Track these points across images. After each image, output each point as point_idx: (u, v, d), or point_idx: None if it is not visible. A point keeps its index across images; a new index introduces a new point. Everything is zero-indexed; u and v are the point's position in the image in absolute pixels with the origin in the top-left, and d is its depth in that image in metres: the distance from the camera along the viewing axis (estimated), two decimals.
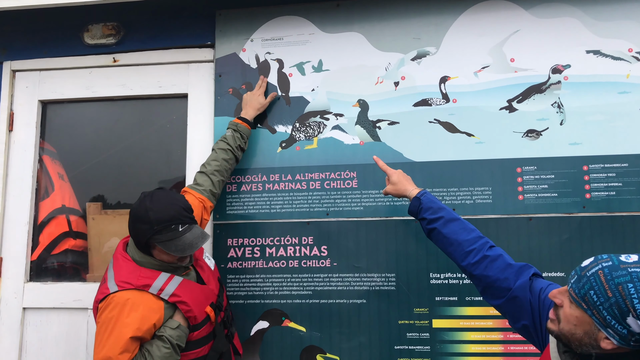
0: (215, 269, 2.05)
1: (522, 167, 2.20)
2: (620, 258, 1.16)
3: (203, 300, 1.86)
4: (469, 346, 2.14)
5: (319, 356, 2.22)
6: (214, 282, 1.98)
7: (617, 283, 1.11)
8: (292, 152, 2.36)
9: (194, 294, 1.84)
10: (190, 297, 1.81)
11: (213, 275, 2.00)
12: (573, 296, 1.20)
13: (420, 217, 1.80)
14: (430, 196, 1.82)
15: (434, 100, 2.29)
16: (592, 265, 1.18)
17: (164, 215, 1.75)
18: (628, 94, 2.18)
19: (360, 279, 2.24)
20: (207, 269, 2.00)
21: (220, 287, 2.01)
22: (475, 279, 1.63)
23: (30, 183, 2.53)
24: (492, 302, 1.59)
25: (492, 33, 2.30)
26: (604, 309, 1.13)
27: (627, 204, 2.14)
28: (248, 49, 2.45)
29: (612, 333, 1.13)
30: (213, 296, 1.91)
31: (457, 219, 1.73)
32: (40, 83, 2.60)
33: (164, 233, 1.75)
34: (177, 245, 1.76)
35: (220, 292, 1.99)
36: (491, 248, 1.63)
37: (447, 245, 1.70)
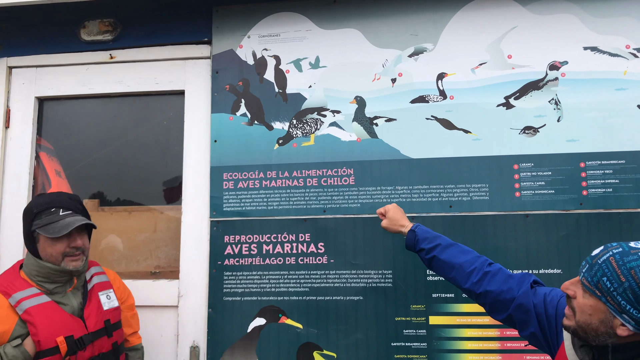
0: (111, 311, 1.90)
1: (519, 163, 2.20)
2: (629, 244, 1.17)
3: (58, 329, 1.71)
4: (465, 343, 2.14)
5: (316, 353, 2.22)
6: (95, 320, 1.82)
7: (630, 267, 1.12)
8: (289, 149, 2.36)
9: (52, 319, 1.71)
10: (42, 320, 1.69)
11: (98, 313, 1.84)
12: (586, 285, 1.20)
13: (418, 248, 1.83)
14: (424, 227, 1.86)
15: (431, 97, 2.29)
16: (603, 252, 1.19)
17: (44, 199, 1.81)
18: (625, 91, 2.18)
19: (357, 275, 2.24)
20: (94, 304, 1.86)
21: (103, 329, 1.84)
22: (480, 297, 1.64)
23: (27, 180, 2.53)
24: (501, 317, 1.60)
25: (489, 29, 2.29)
26: (618, 295, 1.13)
27: (624, 200, 2.13)
28: (245, 45, 2.45)
29: (627, 319, 1.13)
30: (78, 330, 1.76)
31: (454, 244, 1.76)
32: (37, 80, 2.59)
33: (43, 217, 1.76)
34: (55, 227, 1.74)
35: (98, 333, 1.82)
36: (490, 265, 1.66)
37: (448, 271, 1.72)
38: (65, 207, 1.81)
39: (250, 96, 2.41)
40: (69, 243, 1.80)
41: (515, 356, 2.11)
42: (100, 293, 1.90)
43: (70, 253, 1.80)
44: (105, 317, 1.87)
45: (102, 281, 1.94)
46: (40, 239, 1.79)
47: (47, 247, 1.78)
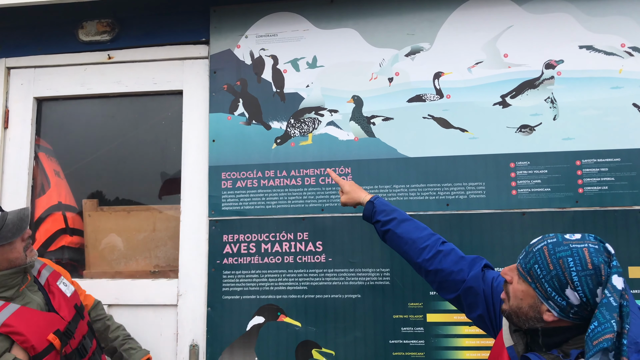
0: (73, 296, 1.91)
1: (515, 162, 2.22)
2: (565, 236, 1.23)
3: (44, 328, 1.71)
4: (462, 340, 2.16)
5: (315, 351, 2.23)
6: (67, 309, 1.84)
7: (559, 257, 1.19)
8: (287, 148, 2.37)
9: (32, 321, 1.70)
10: (26, 326, 1.66)
11: (67, 302, 1.85)
12: (520, 271, 1.28)
13: (374, 220, 1.84)
14: (383, 200, 1.87)
15: (428, 96, 2.30)
16: (539, 241, 1.26)
17: None
18: (621, 89, 2.19)
19: (355, 274, 2.25)
20: (59, 295, 1.85)
21: (76, 314, 1.88)
22: (430, 274, 1.66)
23: (26, 180, 2.54)
24: (449, 296, 1.63)
25: (485, 29, 2.31)
26: (545, 282, 1.20)
27: (619, 198, 2.15)
28: (242, 45, 2.46)
29: (553, 305, 1.20)
30: (59, 323, 1.77)
31: (410, 219, 1.78)
32: (35, 80, 2.60)
33: None
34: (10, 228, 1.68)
35: (75, 319, 1.85)
36: (443, 244, 1.68)
37: (401, 245, 1.75)
38: None
39: (248, 96, 2.42)
40: (23, 237, 1.76)
41: None
42: (57, 283, 1.89)
43: (27, 246, 1.77)
44: (72, 302, 1.89)
45: (51, 272, 1.91)
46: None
47: (8, 254, 1.71)
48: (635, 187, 2.14)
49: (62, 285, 1.90)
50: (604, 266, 1.15)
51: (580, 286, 1.16)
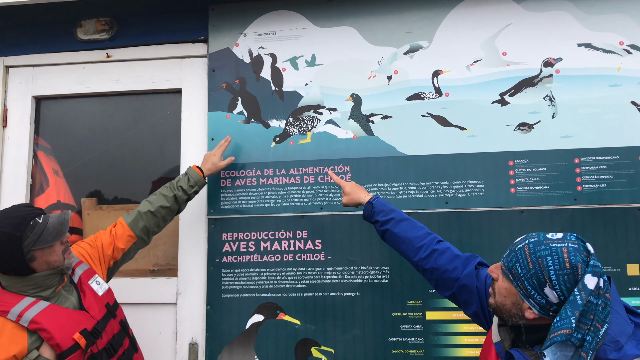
0: (105, 295, 1.90)
1: (514, 160, 2.22)
2: (547, 235, 1.26)
3: (70, 327, 1.70)
4: (461, 338, 2.16)
5: (314, 349, 2.24)
6: (98, 308, 1.83)
7: (538, 256, 1.22)
8: (286, 147, 2.37)
9: (60, 319, 1.69)
10: (53, 324, 1.66)
11: (98, 301, 1.85)
12: (504, 269, 1.32)
13: (373, 220, 1.88)
14: (382, 200, 1.91)
15: (427, 94, 2.30)
16: (521, 240, 1.30)
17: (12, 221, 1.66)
18: (619, 87, 2.20)
19: (354, 272, 2.26)
20: (90, 294, 1.85)
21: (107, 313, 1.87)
22: (427, 273, 1.71)
23: (25, 179, 2.54)
24: (445, 294, 1.67)
25: (484, 27, 2.31)
26: (525, 280, 1.23)
27: (618, 196, 2.15)
28: (241, 43, 2.45)
29: (533, 303, 1.23)
30: (88, 322, 1.76)
31: (407, 219, 1.82)
32: (34, 79, 2.59)
33: (30, 235, 1.65)
34: (51, 232, 1.68)
35: (105, 318, 1.84)
36: (439, 242, 1.72)
37: (399, 244, 1.79)
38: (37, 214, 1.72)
39: (247, 94, 2.42)
40: (62, 240, 1.76)
41: None
42: (89, 282, 1.88)
43: (66, 249, 1.78)
44: (104, 301, 1.87)
45: (85, 270, 1.91)
46: (37, 256, 1.69)
47: (47, 257, 1.71)
48: (633, 185, 2.15)
49: (95, 284, 1.90)
50: (581, 265, 1.17)
51: (558, 285, 1.18)
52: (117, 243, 2.06)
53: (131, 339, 1.97)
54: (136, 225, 2.10)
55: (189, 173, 2.21)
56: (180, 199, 2.18)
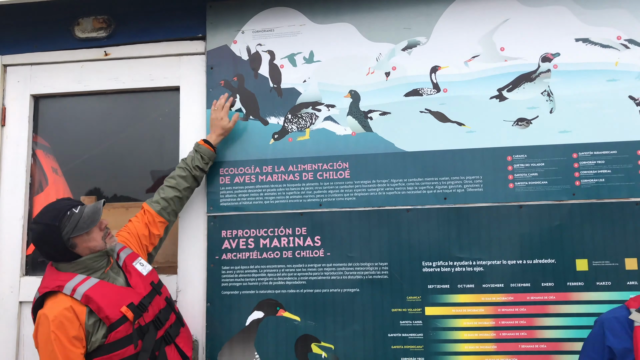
0: (150, 274, 2.04)
1: (512, 155, 2.22)
2: None
3: (118, 301, 1.86)
4: (461, 333, 2.17)
5: (314, 345, 2.24)
6: (144, 286, 1.98)
7: None
8: (285, 144, 2.37)
9: (109, 294, 1.85)
10: (102, 298, 1.82)
11: (143, 280, 2.00)
12: None
13: None
14: None
15: (425, 90, 2.31)
16: None
17: (52, 213, 1.85)
18: (617, 82, 2.20)
19: (353, 268, 2.26)
20: (135, 274, 2.00)
21: (152, 290, 2.00)
22: None
23: (24, 178, 2.54)
24: None
25: (482, 22, 2.31)
26: None
27: (616, 190, 2.16)
28: (239, 40, 2.45)
29: None
30: (134, 297, 1.91)
31: None
32: (32, 77, 2.59)
33: (67, 224, 1.83)
34: (86, 220, 1.85)
35: (151, 294, 1.98)
36: None
37: None
38: (73, 205, 1.89)
39: (245, 91, 2.42)
40: (100, 227, 1.92)
41: (510, 345, 2.14)
42: (134, 263, 2.03)
43: (106, 234, 1.94)
44: (149, 279, 2.02)
45: (129, 253, 2.05)
46: (77, 243, 1.86)
47: (87, 243, 1.87)
48: (631, 179, 2.15)
49: (139, 265, 2.04)
50: None
51: None
52: (153, 230, 2.20)
53: (177, 314, 2.10)
54: (166, 211, 2.22)
55: (200, 150, 2.28)
56: (199, 177, 2.29)
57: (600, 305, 2.11)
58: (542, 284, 2.15)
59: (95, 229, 1.90)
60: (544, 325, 2.13)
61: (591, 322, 2.07)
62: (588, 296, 2.12)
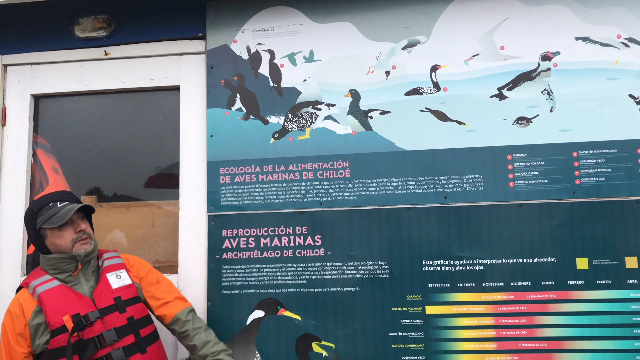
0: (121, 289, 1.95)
1: (512, 154, 2.22)
2: None
3: (65, 308, 1.82)
4: (461, 332, 2.17)
5: (315, 344, 2.25)
6: (105, 299, 1.90)
7: None
8: (285, 143, 2.37)
9: (60, 299, 1.84)
10: (51, 301, 1.83)
11: (108, 292, 1.92)
12: None
13: None
14: None
15: (425, 89, 2.31)
16: None
17: (42, 199, 1.97)
18: (617, 80, 2.20)
19: (354, 267, 2.26)
20: (103, 285, 1.94)
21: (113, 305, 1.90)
22: None
23: (25, 177, 2.54)
24: None
25: (481, 21, 2.31)
26: None
27: (616, 189, 2.16)
28: (239, 40, 2.45)
29: None
30: (85, 308, 1.85)
31: None
32: (32, 77, 2.59)
33: (44, 213, 1.91)
34: (58, 217, 1.88)
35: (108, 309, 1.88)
36: None
37: None
38: (62, 200, 1.94)
39: (246, 91, 2.42)
40: (75, 229, 1.94)
41: (511, 344, 2.14)
42: (109, 274, 1.99)
43: (78, 238, 1.94)
44: (115, 294, 1.95)
45: (113, 264, 2.03)
46: (47, 234, 1.92)
47: (55, 239, 1.92)
48: (631, 178, 2.15)
49: (114, 277, 2.00)
50: None
51: None
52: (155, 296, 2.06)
53: (139, 339, 1.94)
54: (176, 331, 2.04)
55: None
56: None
57: (600, 303, 2.11)
58: (543, 283, 2.15)
59: (68, 229, 1.93)
60: (545, 324, 2.13)
61: (591, 321, 2.09)
62: (588, 295, 2.13)
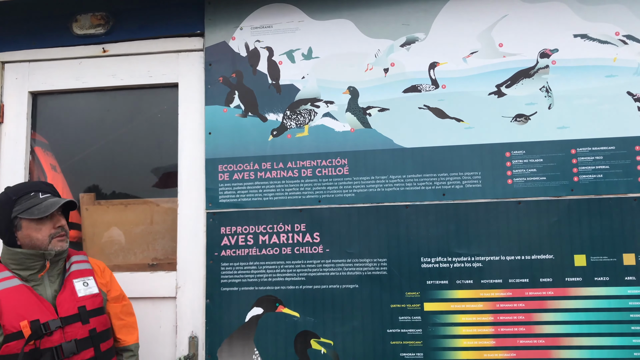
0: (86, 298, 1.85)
1: (511, 151, 2.23)
2: None
3: (23, 312, 1.67)
4: (460, 328, 2.18)
5: (313, 341, 2.25)
6: (69, 307, 1.78)
7: None
8: (284, 140, 2.37)
9: (18, 302, 1.68)
10: (8, 303, 1.66)
11: (72, 300, 1.80)
12: None
13: None
14: None
15: (424, 87, 2.31)
16: None
17: (20, 186, 1.83)
18: (615, 77, 2.20)
19: (352, 264, 2.27)
20: (68, 291, 1.82)
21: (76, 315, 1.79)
22: None
23: (23, 175, 2.53)
24: None
25: (480, 18, 2.31)
26: None
27: (614, 186, 2.16)
28: (237, 37, 2.45)
29: None
30: (46, 315, 1.71)
31: None
32: (30, 74, 2.59)
33: (23, 202, 1.76)
34: (40, 208, 1.75)
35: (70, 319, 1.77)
36: None
37: None
38: (44, 191, 1.82)
39: (244, 88, 2.42)
40: (54, 224, 1.81)
41: (509, 340, 2.15)
42: (76, 280, 1.86)
43: (56, 234, 1.81)
44: (80, 303, 1.82)
45: (81, 269, 1.91)
46: (22, 225, 1.77)
47: (32, 232, 1.77)
48: (629, 175, 2.16)
49: (81, 284, 1.87)
50: None
51: None
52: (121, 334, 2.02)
53: (99, 354, 1.84)
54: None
55: None
56: None
57: (598, 300, 2.12)
58: (541, 280, 2.16)
59: (47, 223, 1.78)
60: (543, 321, 2.14)
61: (589, 318, 2.10)
62: (586, 291, 2.13)
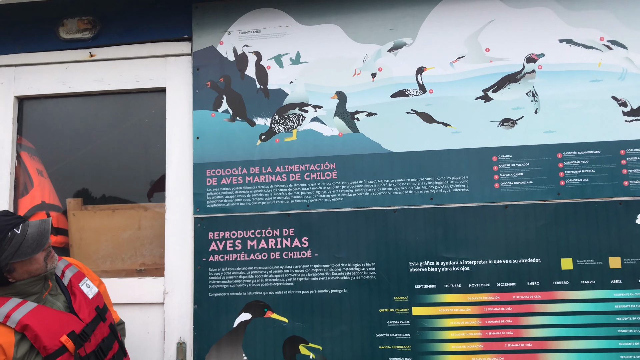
0: (95, 297, 1.89)
1: (497, 155, 2.24)
2: None
3: (58, 329, 1.67)
4: (448, 332, 2.18)
5: (302, 346, 2.24)
6: (87, 311, 1.81)
7: None
8: (272, 145, 2.37)
9: (48, 321, 1.66)
10: (40, 325, 1.63)
11: (88, 304, 1.83)
12: None
13: None
14: None
15: (411, 91, 2.32)
16: None
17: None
18: (600, 82, 2.22)
19: (341, 269, 2.27)
20: (80, 296, 1.83)
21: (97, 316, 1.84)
22: None
23: (9, 180, 2.51)
24: None
25: (467, 23, 2.32)
26: None
27: (599, 190, 2.18)
28: (225, 41, 2.45)
29: None
30: (76, 324, 1.73)
31: None
32: (16, 79, 2.57)
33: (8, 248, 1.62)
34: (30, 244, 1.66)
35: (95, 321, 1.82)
36: None
37: None
38: (13, 224, 1.67)
39: (232, 92, 2.41)
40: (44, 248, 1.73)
41: (496, 344, 2.16)
42: (80, 284, 1.88)
43: (48, 255, 1.75)
44: (94, 304, 1.86)
45: (74, 273, 1.91)
46: (17, 267, 1.67)
47: (28, 267, 1.69)
48: (615, 179, 2.18)
49: (85, 286, 1.89)
50: None
51: None
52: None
53: (120, 343, 1.95)
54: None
55: None
56: None
57: (585, 303, 2.13)
58: (528, 283, 2.17)
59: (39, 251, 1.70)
60: (530, 324, 2.15)
61: (576, 321, 2.11)
62: (573, 295, 2.14)
